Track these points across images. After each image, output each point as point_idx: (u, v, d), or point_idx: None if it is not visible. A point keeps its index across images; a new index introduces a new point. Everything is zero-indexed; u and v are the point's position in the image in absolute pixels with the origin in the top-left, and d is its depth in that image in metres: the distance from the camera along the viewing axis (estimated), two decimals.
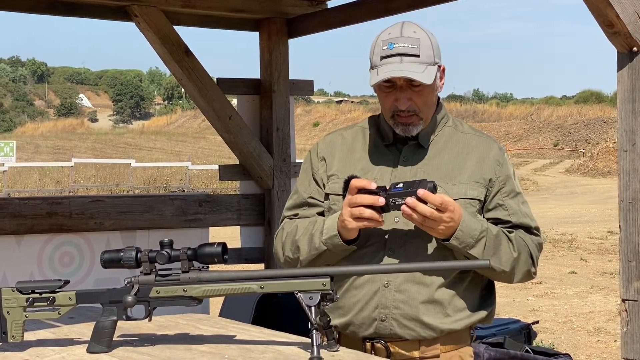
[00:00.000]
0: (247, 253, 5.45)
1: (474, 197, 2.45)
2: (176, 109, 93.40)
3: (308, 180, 2.62)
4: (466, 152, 2.51)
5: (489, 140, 2.58)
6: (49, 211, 4.74)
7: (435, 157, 2.50)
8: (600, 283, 11.23)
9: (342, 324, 2.50)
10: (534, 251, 2.50)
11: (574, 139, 45.90)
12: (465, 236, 2.34)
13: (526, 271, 2.49)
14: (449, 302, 2.44)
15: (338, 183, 2.49)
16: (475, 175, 2.47)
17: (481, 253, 2.37)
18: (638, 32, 3.35)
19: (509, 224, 2.49)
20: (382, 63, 2.39)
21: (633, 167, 3.36)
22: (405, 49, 2.38)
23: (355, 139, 2.60)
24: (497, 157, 2.51)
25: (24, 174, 34.64)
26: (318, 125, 62.16)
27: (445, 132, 2.55)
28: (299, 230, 2.53)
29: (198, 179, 34.60)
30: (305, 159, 2.67)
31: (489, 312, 2.55)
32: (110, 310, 2.23)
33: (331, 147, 2.61)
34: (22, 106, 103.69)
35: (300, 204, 2.62)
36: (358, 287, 2.46)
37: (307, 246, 2.47)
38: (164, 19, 4.91)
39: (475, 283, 2.51)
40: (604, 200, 23.90)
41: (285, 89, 5.40)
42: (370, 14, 5.01)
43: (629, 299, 3.35)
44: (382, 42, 2.42)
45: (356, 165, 2.52)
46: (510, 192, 2.50)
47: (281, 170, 5.37)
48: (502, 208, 2.49)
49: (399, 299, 2.42)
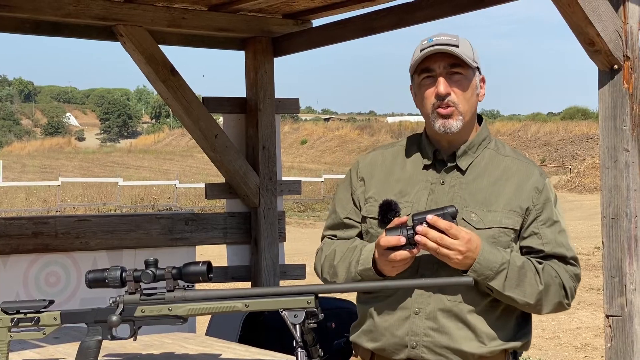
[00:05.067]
0: (233, 271, 5.45)
1: (509, 227, 2.40)
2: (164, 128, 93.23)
3: (346, 200, 2.59)
4: (505, 178, 2.45)
5: (530, 165, 2.51)
6: (34, 231, 4.73)
7: (474, 182, 2.45)
8: (587, 299, 11.25)
9: (376, 348, 2.47)
10: (567, 282, 2.44)
11: (561, 155, 46.07)
12: (483, 268, 2.30)
13: (557, 303, 2.44)
14: (481, 330, 2.39)
15: (374, 207, 2.47)
16: (512, 203, 2.41)
17: (502, 285, 2.33)
18: (618, 50, 3.39)
19: (542, 254, 2.43)
20: (420, 55, 2.41)
21: (615, 184, 3.39)
22: (445, 40, 2.41)
23: (395, 160, 2.56)
24: (536, 184, 2.45)
25: (10, 194, 34.46)
26: (306, 143, 62.15)
27: (485, 155, 2.49)
28: (337, 255, 2.52)
29: (186, 198, 34.51)
30: (345, 176, 2.64)
31: (524, 343, 2.49)
32: (95, 329, 2.23)
33: (371, 167, 2.58)
34: (9, 125, 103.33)
35: (338, 225, 2.60)
36: (390, 313, 2.43)
37: (345, 273, 2.46)
38: (149, 39, 4.92)
39: (509, 311, 2.45)
40: (591, 216, 23.96)
41: (271, 108, 5.42)
42: (356, 32, 5.04)
43: (613, 314, 3.37)
44: (420, 43, 2.45)
45: (393, 188, 2.49)
46: (547, 220, 2.44)
47: (267, 189, 5.38)
48: (537, 237, 2.42)
49: (430, 326, 2.39)
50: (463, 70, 2.41)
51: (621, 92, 3.41)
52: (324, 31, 5.36)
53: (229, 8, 5.08)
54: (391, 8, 4.82)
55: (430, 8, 4.61)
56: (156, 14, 4.92)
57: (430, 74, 2.42)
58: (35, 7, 4.61)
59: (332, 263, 2.51)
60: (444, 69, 2.40)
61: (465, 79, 2.42)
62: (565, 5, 3.32)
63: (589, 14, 3.30)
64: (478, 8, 4.44)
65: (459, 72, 2.41)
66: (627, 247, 3.37)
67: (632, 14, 3.43)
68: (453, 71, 2.40)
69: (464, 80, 2.42)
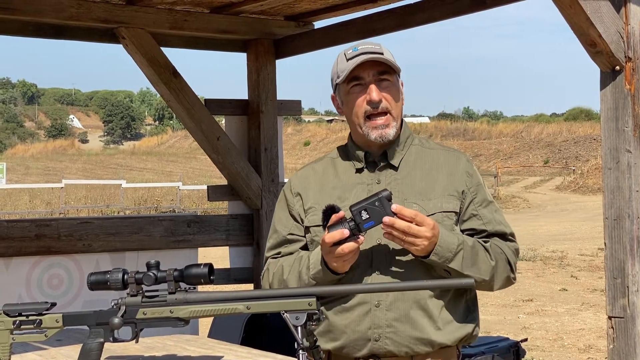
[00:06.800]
0: (236, 273, 5.45)
1: (450, 210, 2.50)
2: (167, 129, 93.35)
3: (285, 217, 2.63)
4: (436, 167, 2.56)
5: (457, 153, 2.63)
6: (37, 233, 4.74)
7: (408, 176, 2.54)
8: (590, 300, 11.24)
9: (335, 347, 2.51)
10: (511, 257, 2.54)
11: (564, 156, 46.06)
12: (444, 250, 2.39)
13: (505, 277, 2.54)
14: (438, 314, 2.47)
15: (317, 215, 2.49)
16: (448, 188, 2.52)
17: (460, 265, 2.41)
18: (620, 51, 3.39)
19: (484, 233, 2.54)
20: (350, 63, 2.47)
21: (617, 185, 3.39)
22: (370, 49, 2.49)
23: (326, 170, 2.63)
24: (466, 168, 2.57)
25: (14, 196, 34.53)
26: (309, 145, 62.21)
27: (413, 151, 2.59)
28: (284, 269, 2.55)
29: (189, 199, 34.53)
30: (279, 198, 2.69)
31: (474, 329, 2.57)
32: (97, 332, 2.23)
33: (305, 182, 2.63)
34: (13, 128, 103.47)
35: (281, 243, 2.63)
36: (349, 310, 2.47)
37: (297, 283, 2.49)
38: (151, 41, 4.93)
39: (459, 293, 2.54)
40: (594, 217, 23.93)
41: (273, 109, 5.42)
42: (357, 34, 5.04)
43: (615, 316, 3.37)
44: (344, 53, 2.52)
45: (331, 195, 2.54)
46: (483, 201, 2.56)
47: (269, 191, 5.39)
48: (477, 218, 2.54)
49: (391, 317, 2.44)
50: (390, 77, 2.51)
51: (623, 93, 3.41)
52: (325, 33, 5.36)
53: (230, 10, 5.09)
54: (392, 10, 4.83)
55: (432, 10, 4.61)
56: (158, 16, 4.92)
57: (359, 82, 2.50)
58: (38, 10, 4.61)
59: (282, 278, 2.54)
60: (374, 76, 2.49)
61: (393, 85, 2.52)
62: (567, 6, 3.32)
63: (590, 15, 3.30)
64: (479, 10, 4.44)
65: (387, 78, 2.50)
66: (630, 248, 3.37)
67: (634, 15, 3.43)
68: (382, 78, 2.50)
69: (392, 86, 2.52)
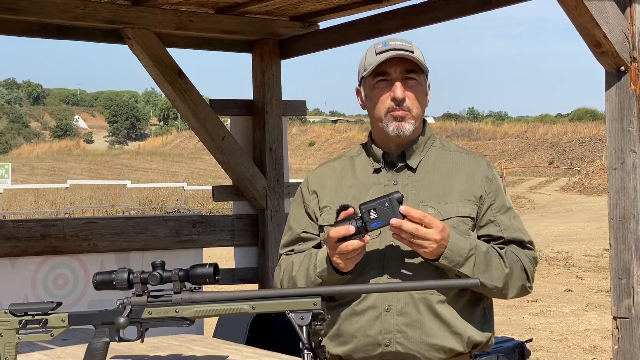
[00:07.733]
0: (241, 273, 5.45)
1: (466, 215, 2.46)
2: (172, 130, 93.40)
3: (301, 215, 2.61)
4: (455, 170, 2.52)
5: (477, 157, 2.59)
6: (42, 233, 4.75)
7: (425, 178, 2.50)
8: (596, 301, 11.23)
9: (345, 352, 2.48)
10: (528, 265, 2.49)
11: (569, 157, 46.00)
12: (454, 255, 2.35)
13: (520, 286, 2.48)
14: (451, 321, 2.43)
15: (331, 214, 2.47)
16: (465, 193, 2.48)
17: (471, 271, 2.36)
18: (625, 51, 3.39)
19: (501, 240, 2.48)
20: (378, 58, 2.44)
21: (622, 185, 3.39)
22: (400, 45, 2.46)
23: (344, 169, 2.60)
24: (485, 173, 2.53)
25: (19, 196, 34.60)
26: (314, 145, 62.23)
27: (432, 153, 2.56)
28: (294, 265, 2.53)
29: (194, 200, 34.58)
30: (296, 194, 2.67)
31: (489, 338, 2.52)
32: (102, 331, 2.23)
33: (322, 180, 2.61)
34: (18, 128, 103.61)
35: (295, 240, 2.61)
36: (359, 314, 2.44)
37: (305, 281, 2.47)
38: (156, 42, 4.94)
39: (474, 301, 2.49)
40: (599, 217, 23.89)
41: (278, 110, 5.43)
42: (363, 34, 5.05)
43: (620, 316, 3.37)
44: (374, 46, 2.49)
45: (347, 194, 2.52)
46: (501, 207, 2.51)
47: (274, 191, 5.39)
48: (494, 224, 2.49)
49: (402, 322, 2.41)
50: (417, 76, 2.49)
51: (628, 94, 3.40)
52: (330, 33, 5.36)
53: (235, 11, 5.09)
54: (397, 10, 4.83)
55: (437, 10, 4.61)
56: (163, 16, 4.93)
57: (385, 78, 2.47)
58: (43, 10, 4.62)
59: (291, 275, 2.53)
60: (400, 73, 2.46)
61: (418, 85, 2.49)
62: (572, 7, 3.32)
63: (595, 16, 3.30)
64: (485, 10, 4.44)
65: (413, 77, 2.48)
66: (635, 248, 3.36)
67: (639, 16, 3.43)
68: (408, 76, 2.47)
69: (418, 85, 2.49)
